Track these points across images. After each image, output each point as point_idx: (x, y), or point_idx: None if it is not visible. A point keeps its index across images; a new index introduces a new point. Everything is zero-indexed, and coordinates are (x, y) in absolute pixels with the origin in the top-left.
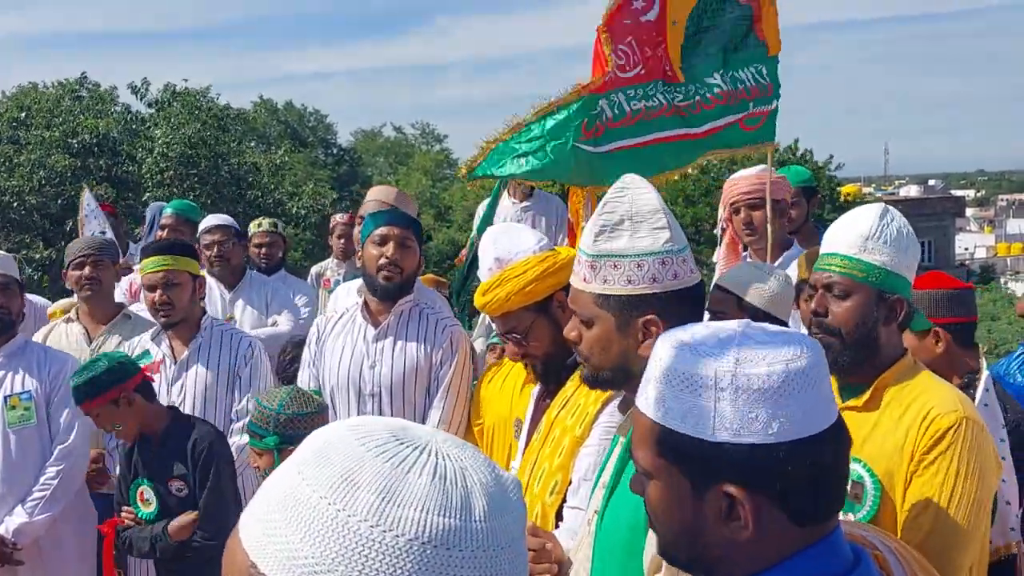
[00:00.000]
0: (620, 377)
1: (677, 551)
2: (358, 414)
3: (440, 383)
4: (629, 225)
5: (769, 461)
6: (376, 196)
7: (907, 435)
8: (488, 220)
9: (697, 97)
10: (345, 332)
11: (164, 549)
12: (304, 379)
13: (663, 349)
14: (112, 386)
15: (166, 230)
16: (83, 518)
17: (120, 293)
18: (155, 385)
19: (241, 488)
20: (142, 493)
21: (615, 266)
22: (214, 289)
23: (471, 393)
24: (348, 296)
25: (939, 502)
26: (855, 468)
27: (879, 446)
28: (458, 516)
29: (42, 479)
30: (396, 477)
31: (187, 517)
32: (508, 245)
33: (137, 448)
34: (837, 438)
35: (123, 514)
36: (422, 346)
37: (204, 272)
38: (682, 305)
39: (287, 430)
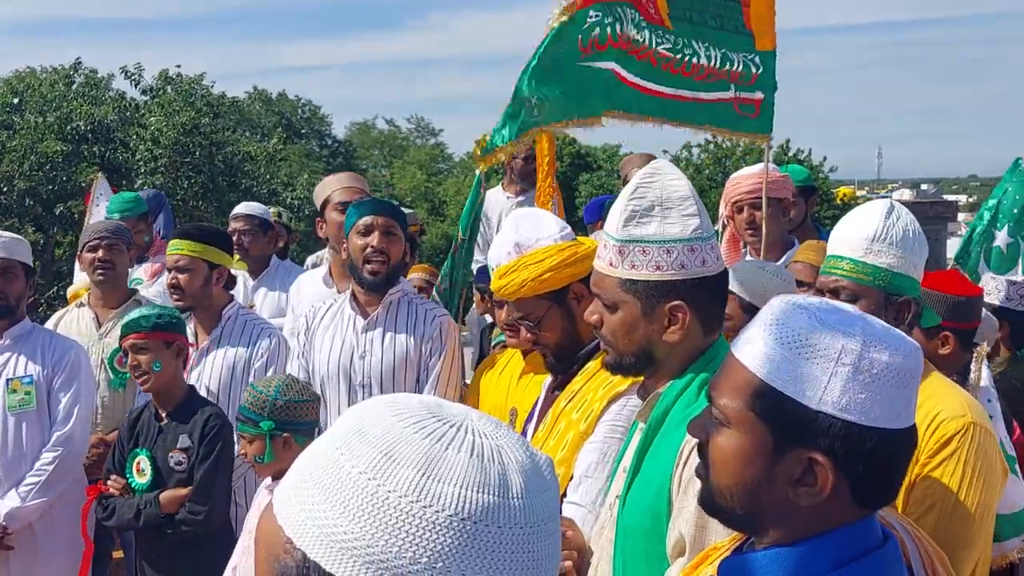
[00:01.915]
0: (643, 363)
1: (730, 501)
2: (349, 405)
3: (430, 373)
4: (659, 211)
5: (861, 443)
6: (341, 184)
7: None
8: (470, 215)
9: (682, 55)
10: (334, 323)
11: (150, 518)
12: (293, 370)
13: (784, 312)
14: (177, 330)
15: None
16: (80, 506)
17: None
18: None
19: (243, 487)
20: (139, 463)
21: (644, 252)
22: (238, 276)
23: (461, 383)
24: (313, 285)
25: (943, 506)
26: None
27: None
28: (496, 493)
29: (37, 464)
30: (435, 453)
31: (181, 491)
32: (529, 231)
33: (143, 417)
34: (912, 440)
35: (110, 482)
36: (411, 336)
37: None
38: (708, 292)
39: (283, 416)
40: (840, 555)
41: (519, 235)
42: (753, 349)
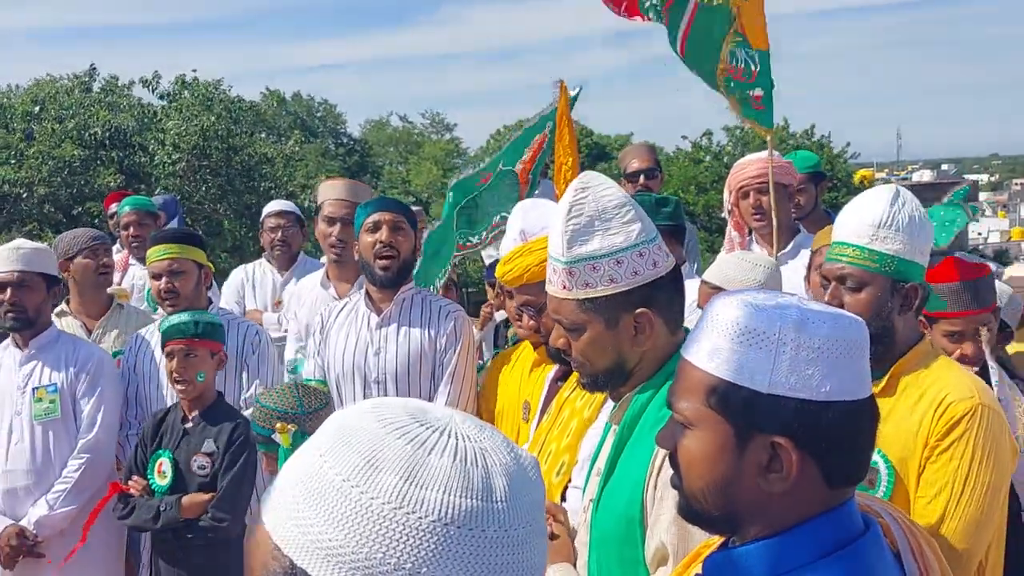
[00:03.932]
0: (618, 376)
1: (706, 503)
2: None
3: (445, 369)
4: (599, 224)
5: (818, 418)
6: (336, 195)
7: (922, 421)
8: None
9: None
10: (349, 321)
11: (169, 520)
12: (310, 369)
13: (722, 306)
14: (219, 339)
15: (131, 227)
16: (110, 511)
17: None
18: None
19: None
20: (160, 465)
21: (594, 268)
22: (267, 274)
23: (476, 378)
24: (312, 289)
25: (953, 488)
26: None
27: (894, 432)
28: (480, 497)
29: (65, 472)
30: (418, 459)
31: (202, 496)
32: (536, 219)
33: (168, 419)
34: (872, 409)
35: (131, 482)
36: (426, 332)
37: (264, 256)
38: (666, 292)
39: (316, 426)
40: (821, 545)
41: (525, 223)
42: (699, 347)
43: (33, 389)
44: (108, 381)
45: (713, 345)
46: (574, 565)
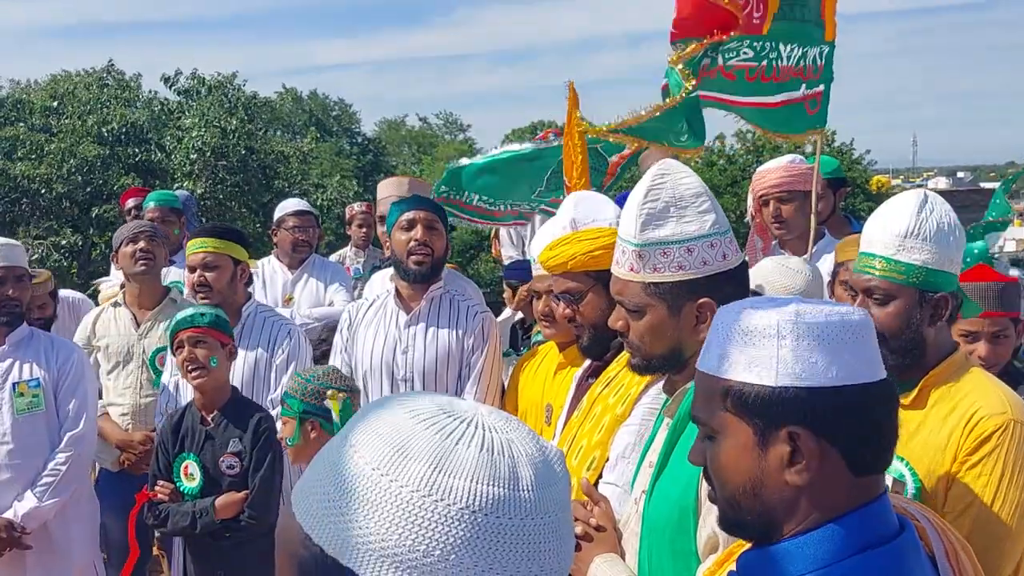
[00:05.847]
0: (672, 362)
1: (739, 509)
2: None
3: (472, 369)
4: (675, 211)
5: (829, 403)
6: (391, 191)
7: (951, 436)
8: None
9: (767, 61)
10: (377, 319)
11: (206, 525)
12: (336, 365)
13: (724, 314)
14: (228, 333)
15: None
16: (90, 502)
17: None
18: None
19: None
20: (186, 467)
21: (664, 253)
22: (278, 271)
23: (502, 378)
24: (383, 283)
25: (982, 504)
26: (897, 466)
27: (923, 445)
28: (506, 486)
29: (51, 465)
30: (445, 448)
31: (235, 496)
32: (588, 210)
33: (185, 421)
34: (888, 392)
35: (157, 488)
36: (454, 332)
37: (274, 254)
38: (732, 285)
39: (311, 401)
40: (855, 541)
41: (577, 212)
42: (709, 356)
43: (13, 384)
44: (90, 378)
45: (719, 349)
46: (621, 556)
